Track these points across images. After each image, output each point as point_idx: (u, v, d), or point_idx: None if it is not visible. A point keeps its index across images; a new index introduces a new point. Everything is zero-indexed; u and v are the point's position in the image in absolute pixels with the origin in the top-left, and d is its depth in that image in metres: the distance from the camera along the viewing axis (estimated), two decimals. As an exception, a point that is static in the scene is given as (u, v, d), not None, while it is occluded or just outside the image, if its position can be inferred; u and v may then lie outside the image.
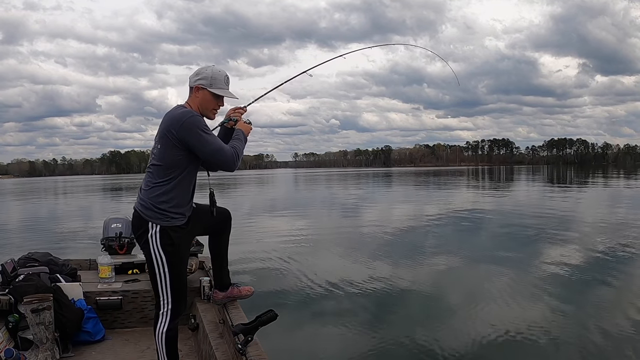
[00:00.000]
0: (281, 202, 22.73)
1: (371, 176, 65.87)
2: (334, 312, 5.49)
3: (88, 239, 11.27)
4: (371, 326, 5.00)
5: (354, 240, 10.63)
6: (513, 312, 5.30)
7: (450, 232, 11.73)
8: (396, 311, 5.55)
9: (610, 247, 8.93)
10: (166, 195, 2.44)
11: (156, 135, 2.51)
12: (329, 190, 33.02)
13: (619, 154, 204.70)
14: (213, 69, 2.55)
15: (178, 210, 2.47)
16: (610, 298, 5.86)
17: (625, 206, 17.13)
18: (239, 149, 2.58)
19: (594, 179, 42.04)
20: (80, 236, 12.08)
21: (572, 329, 4.77)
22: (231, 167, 2.53)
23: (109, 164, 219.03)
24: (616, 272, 7.01)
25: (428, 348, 4.39)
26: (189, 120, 2.38)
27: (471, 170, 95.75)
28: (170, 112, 2.49)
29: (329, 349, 4.48)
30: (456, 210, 16.23)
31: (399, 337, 4.69)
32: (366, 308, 5.63)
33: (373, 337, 4.70)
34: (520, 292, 6.08)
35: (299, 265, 7.90)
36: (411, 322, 5.12)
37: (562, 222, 12.72)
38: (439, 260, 8.15)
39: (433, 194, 26.57)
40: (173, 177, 2.45)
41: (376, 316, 5.33)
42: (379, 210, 17.85)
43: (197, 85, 2.52)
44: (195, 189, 2.63)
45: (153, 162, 2.49)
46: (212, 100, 2.54)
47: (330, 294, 6.16)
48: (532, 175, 57.52)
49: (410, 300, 6.02)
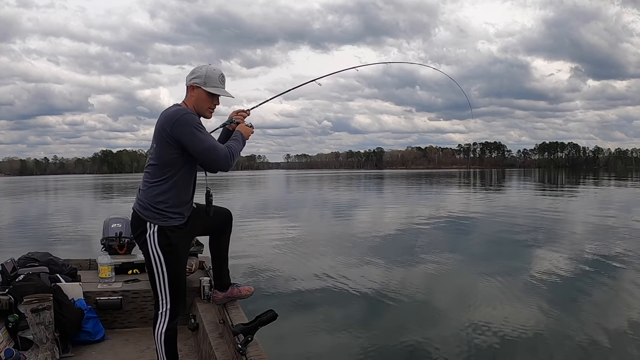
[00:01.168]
0: (275, 203, 22.68)
1: (363, 178, 65.85)
2: (334, 312, 5.52)
3: (81, 239, 11.24)
4: (371, 326, 5.03)
5: (351, 241, 10.63)
6: (503, 314, 5.34)
7: (444, 235, 11.79)
8: (395, 310, 5.59)
9: (599, 250, 9.01)
10: (163, 195, 2.44)
11: (153, 135, 2.51)
12: (323, 192, 32.99)
13: (610, 158, 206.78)
14: (208, 68, 2.54)
15: (176, 210, 2.47)
16: (600, 300, 5.92)
17: (614, 209, 17.26)
18: (234, 149, 2.55)
19: (585, 183, 42.35)
20: (74, 236, 12.01)
21: (562, 331, 4.81)
22: (224, 167, 2.51)
23: (101, 164, 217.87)
24: (605, 275, 7.09)
25: (425, 348, 4.43)
26: (182, 117, 2.38)
27: (463, 173, 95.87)
28: (165, 110, 2.48)
29: (329, 348, 4.50)
30: (448, 213, 16.29)
31: (399, 336, 4.73)
32: (366, 308, 5.67)
33: (373, 337, 4.72)
34: (511, 295, 6.13)
35: (298, 266, 7.94)
36: (410, 322, 5.17)
37: (552, 226, 12.80)
38: (432, 263, 8.17)
39: (426, 197, 26.66)
40: (169, 176, 2.44)
41: (376, 316, 5.37)
42: (373, 212, 17.89)
43: (192, 84, 2.52)
44: (196, 188, 2.63)
45: (150, 161, 2.49)
46: (207, 99, 2.53)
47: (330, 294, 6.19)
48: (524, 178, 57.80)
49: (409, 299, 6.04)
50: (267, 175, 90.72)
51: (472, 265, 7.98)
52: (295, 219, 15.43)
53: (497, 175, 58.13)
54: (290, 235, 11.62)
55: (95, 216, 16.15)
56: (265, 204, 22.59)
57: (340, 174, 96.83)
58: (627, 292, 6.25)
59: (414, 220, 14.40)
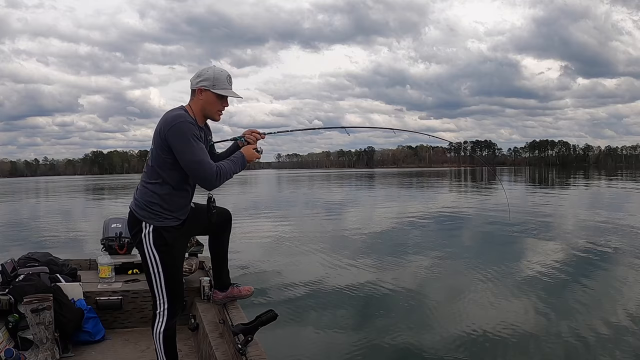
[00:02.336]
0: (269, 203, 22.63)
1: (355, 177, 65.76)
2: (334, 312, 5.52)
3: (80, 239, 11.20)
4: (371, 325, 5.04)
5: (347, 239, 10.69)
6: (493, 312, 5.40)
7: (438, 233, 11.87)
8: (395, 310, 5.61)
9: (588, 246, 9.11)
10: (159, 196, 2.43)
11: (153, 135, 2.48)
12: (316, 191, 32.94)
13: (600, 155, 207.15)
14: (214, 69, 2.48)
15: (172, 210, 2.46)
16: (589, 297, 5.96)
17: (604, 206, 17.46)
18: (225, 170, 2.45)
19: (575, 180, 42.71)
20: (71, 236, 11.95)
21: (552, 328, 4.86)
22: (207, 185, 2.42)
23: (91, 165, 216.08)
24: (594, 271, 7.21)
25: (423, 347, 4.47)
26: (178, 125, 2.33)
27: (454, 172, 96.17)
28: (167, 113, 2.44)
29: (328, 348, 4.51)
30: (439, 211, 16.45)
31: (399, 336, 4.75)
32: (365, 308, 5.67)
33: (372, 336, 4.73)
34: (500, 292, 6.19)
35: (297, 265, 7.97)
36: (409, 322, 5.18)
37: (542, 222, 12.94)
38: (432, 261, 8.24)
39: (419, 195, 26.76)
40: (165, 178, 2.42)
41: (375, 315, 5.38)
42: (366, 211, 17.93)
43: (200, 88, 2.45)
44: (195, 191, 2.61)
45: (148, 162, 2.48)
46: (216, 101, 2.48)
47: (330, 294, 6.20)
48: (514, 176, 58.21)
49: (408, 297, 6.08)
50: (258, 175, 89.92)
51: (464, 263, 8.03)
52: (290, 219, 15.39)
53: (487, 174, 58.50)
54: (286, 234, 11.60)
55: (87, 217, 16.08)
56: (257, 203, 22.52)
57: (331, 174, 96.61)
58: (614, 288, 6.34)
59: (406, 218, 14.47)
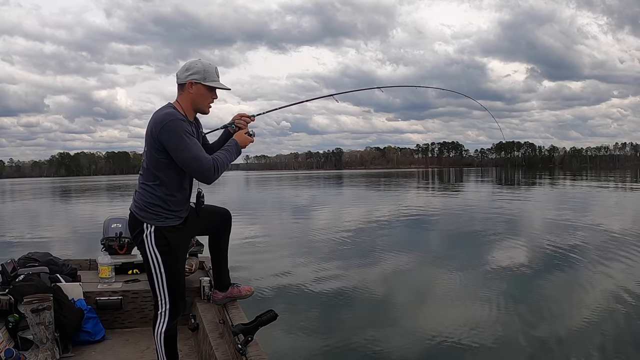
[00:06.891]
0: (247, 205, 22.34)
1: (323, 178, 65.49)
2: (334, 312, 5.54)
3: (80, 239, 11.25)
4: (371, 325, 5.04)
5: (344, 242, 10.68)
6: (460, 312, 5.43)
7: (410, 233, 11.99)
8: (394, 309, 5.63)
9: (552, 245, 9.17)
10: (157, 197, 2.42)
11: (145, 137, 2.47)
12: (287, 192, 32.96)
13: (565, 156, 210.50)
14: (203, 62, 2.47)
15: (172, 210, 2.46)
16: (555, 296, 6.01)
17: (568, 205, 17.56)
18: (221, 161, 2.44)
19: (541, 181, 42.94)
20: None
21: (519, 329, 4.86)
22: (206, 179, 2.42)
23: (58, 166, 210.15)
24: (557, 270, 7.27)
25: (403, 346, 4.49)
26: (169, 124, 2.32)
27: (421, 173, 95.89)
28: (156, 112, 2.43)
29: (328, 348, 4.50)
30: (407, 212, 16.48)
31: (398, 335, 4.75)
32: (366, 308, 5.69)
33: (372, 336, 4.72)
34: (467, 293, 6.23)
35: (298, 266, 7.94)
36: (408, 321, 5.20)
37: (508, 222, 13.06)
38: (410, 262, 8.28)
39: (388, 196, 26.82)
40: (161, 177, 2.42)
41: (376, 315, 5.37)
42: (334, 212, 17.87)
43: (190, 81, 2.43)
44: (193, 188, 2.59)
45: (143, 163, 2.47)
46: (207, 94, 2.48)
47: (329, 294, 6.20)
48: (481, 177, 58.33)
49: (404, 299, 6.10)
50: (226, 176, 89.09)
51: (431, 264, 8.15)
52: (293, 220, 15.43)
53: (455, 175, 58.58)
54: (288, 235, 11.63)
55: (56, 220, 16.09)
56: (259, 204, 22.53)
57: (299, 175, 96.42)
58: (579, 285, 6.42)
59: (375, 219, 14.45)
